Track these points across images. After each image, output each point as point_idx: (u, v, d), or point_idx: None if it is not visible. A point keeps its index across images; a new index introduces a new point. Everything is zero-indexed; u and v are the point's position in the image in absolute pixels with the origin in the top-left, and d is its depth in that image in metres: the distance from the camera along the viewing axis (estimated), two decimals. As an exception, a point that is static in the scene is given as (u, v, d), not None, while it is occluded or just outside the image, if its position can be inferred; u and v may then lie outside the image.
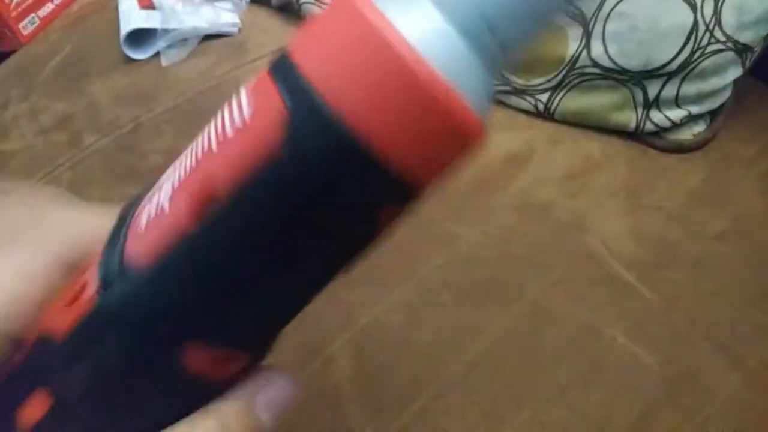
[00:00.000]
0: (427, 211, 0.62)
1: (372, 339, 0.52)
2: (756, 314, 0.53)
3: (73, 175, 0.69)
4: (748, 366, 0.51)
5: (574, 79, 0.69)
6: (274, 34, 0.87)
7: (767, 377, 0.50)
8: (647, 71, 0.66)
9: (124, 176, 0.68)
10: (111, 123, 0.74)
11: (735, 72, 0.67)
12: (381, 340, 0.52)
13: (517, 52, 0.18)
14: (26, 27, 0.89)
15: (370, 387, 0.49)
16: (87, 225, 0.25)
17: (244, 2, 0.88)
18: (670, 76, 0.65)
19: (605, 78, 0.68)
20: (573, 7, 0.68)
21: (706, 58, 0.64)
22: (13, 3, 0.87)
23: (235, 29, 0.86)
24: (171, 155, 0.21)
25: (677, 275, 0.57)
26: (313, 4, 0.85)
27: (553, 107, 0.71)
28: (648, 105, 0.68)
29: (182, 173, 0.19)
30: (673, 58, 0.64)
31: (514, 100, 0.74)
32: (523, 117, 0.73)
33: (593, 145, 0.69)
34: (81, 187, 0.67)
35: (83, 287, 0.21)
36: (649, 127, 0.68)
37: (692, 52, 0.64)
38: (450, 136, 0.17)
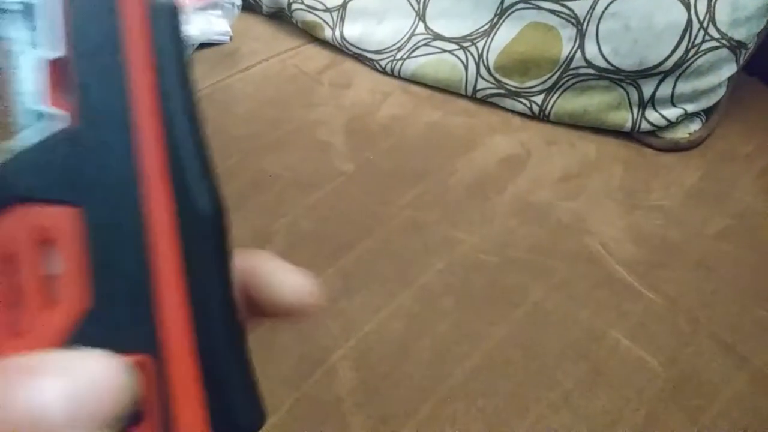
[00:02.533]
0: (425, 216, 0.62)
1: (373, 348, 0.51)
2: (759, 312, 0.53)
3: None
4: (753, 365, 0.50)
5: (568, 80, 0.69)
6: (265, 41, 0.87)
7: (771, 376, 0.50)
8: (642, 70, 0.66)
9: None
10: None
11: (729, 69, 0.66)
12: (382, 349, 0.51)
13: None
14: None
15: (373, 398, 0.48)
16: None
17: (235, 10, 0.87)
18: (665, 74, 0.65)
19: (600, 78, 0.68)
20: (566, 9, 0.68)
21: (700, 56, 0.64)
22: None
23: (226, 38, 0.86)
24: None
25: (678, 275, 0.56)
26: (304, 10, 0.84)
27: (548, 109, 0.71)
28: (643, 104, 0.68)
29: None
30: (668, 57, 0.64)
31: (509, 103, 0.73)
32: (518, 119, 0.73)
33: (589, 145, 0.69)
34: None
35: None
36: (645, 126, 0.68)
37: (687, 50, 0.64)
38: None
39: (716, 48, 0.64)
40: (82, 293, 0.16)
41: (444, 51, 0.76)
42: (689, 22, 0.63)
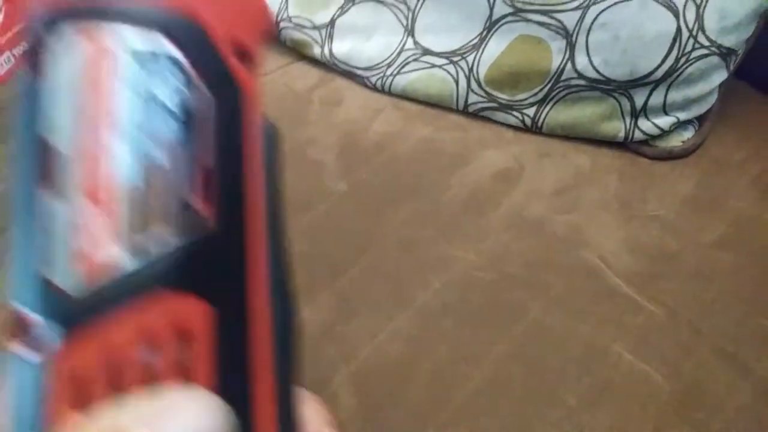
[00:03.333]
0: (420, 234, 0.61)
1: (373, 372, 0.50)
2: (760, 320, 0.53)
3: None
4: (757, 375, 0.50)
5: (560, 92, 0.69)
6: (254, 60, 0.86)
7: (776, 385, 0.49)
8: (633, 80, 0.65)
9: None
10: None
11: (720, 76, 0.66)
12: (382, 372, 0.50)
13: None
14: (2, 66, 0.88)
15: (374, 423, 0.47)
16: None
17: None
18: (656, 83, 0.65)
19: (591, 89, 0.68)
20: (555, 20, 0.68)
21: (691, 64, 0.64)
22: (-13, 43, 0.85)
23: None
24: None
25: (677, 285, 0.56)
26: (292, 28, 0.84)
27: (540, 121, 0.71)
28: (636, 114, 0.67)
29: None
30: (658, 66, 0.64)
31: (501, 116, 0.73)
32: (510, 132, 0.72)
33: (583, 156, 0.69)
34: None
35: None
36: (638, 135, 0.68)
37: (677, 59, 0.64)
38: None
39: (706, 56, 0.64)
40: (208, 383, 0.18)
41: (434, 66, 0.75)
42: (678, 30, 0.63)
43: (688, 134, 0.69)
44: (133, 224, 0.18)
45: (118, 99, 0.18)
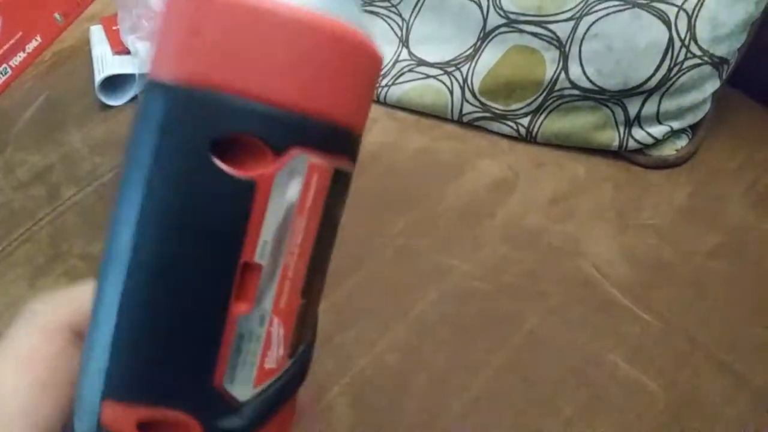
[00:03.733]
0: (416, 244, 0.61)
1: (370, 384, 0.50)
2: (757, 330, 0.53)
3: (53, 230, 0.67)
4: (753, 384, 0.50)
5: (553, 102, 0.69)
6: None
7: (772, 394, 0.49)
8: (626, 90, 0.66)
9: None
10: (90, 173, 0.73)
11: (713, 85, 0.67)
12: (379, 384, 0.50)
13: None
14: (-2, 79, 0.88)
15: (372, 435, 0.47)
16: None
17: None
18: (650, 93, 0.66)
19: (585, 99, 0.68)
20: (548, 31, 0.68)
21: (683, 74, 0.64)
22: (-17, 56, 0.86)
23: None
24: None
25: (673, 295, 0.56)
26: (287, 40, 0.84)
27: (534, 130, 0.71)
28: (629, 123, 0.68)
29: None
30: (651, 76, 0.64)
31: (496, 126, 0.73)
32: (505, 142, 0.73)
33: (578, 166, 0.69)
34: (61, 243, 0.66)
35: None
36: (632, 144, 0.68)
37: (669, 69, 0.64)
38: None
39: (699, 65, 0.64)
40: None
41: (429, 76, 0.76)
42: (671, 40, 0.63)
43: (681, 143, 0.69)
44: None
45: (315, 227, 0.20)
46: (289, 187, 0.19)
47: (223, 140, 0.18)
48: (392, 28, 0.79)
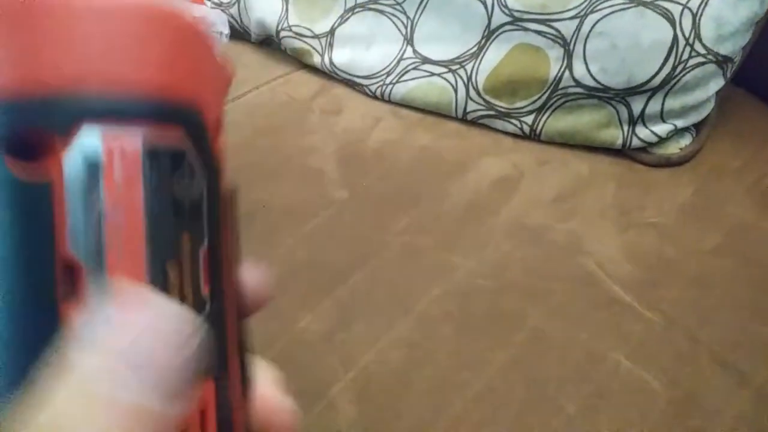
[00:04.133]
0: (421, 241, 0.61)
1: (373, 380, 0.51)
2: (758, 328, 0.53)
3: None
4: (754, 382, 0.50)
5: (558, 100, 0.70)
6: (255, 69, 0.87)
7: (774, 392, 0.50)
8: (630, 88, 0.66)
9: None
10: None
11: (717, 84, 0.67)
12: (382, 380, 0.51)
13: None
14: None
15: (375, 430, 0.48)
16: None
17: (223, 38, 0.87)
18: (654, 91, 0.66)
19: (589, 97, 0.68)
20: (552, 29, 0.68)
21: (688, 72, 0.64)
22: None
23: (215, 67, 0.86)
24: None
25: (675, 293, 0.56)
26: (293, 37, 0.84)
27: (538, 129, 0.71)
28: (633, 121, 0.68)
29: None
30: (656, 74, 0.65)
31: (500, 124, 0.73)
32: (509, 140, 0.73)
33: (582, 164, 0.69)
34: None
35: None
36: (635, 143, 0.68)
37: (674, 67, 0.64)
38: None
39: (703, 63, 0.64)
40: None
41: (433, 74, 0.76)
42: (675, 39, 0.63)
43: (685, 141, 0.69)
44: None
45: (142, 205, 0.18)
46: (86, 163, 0.17)
47: (11, 143, 0.17)
48: (397, 27, 0.79)
